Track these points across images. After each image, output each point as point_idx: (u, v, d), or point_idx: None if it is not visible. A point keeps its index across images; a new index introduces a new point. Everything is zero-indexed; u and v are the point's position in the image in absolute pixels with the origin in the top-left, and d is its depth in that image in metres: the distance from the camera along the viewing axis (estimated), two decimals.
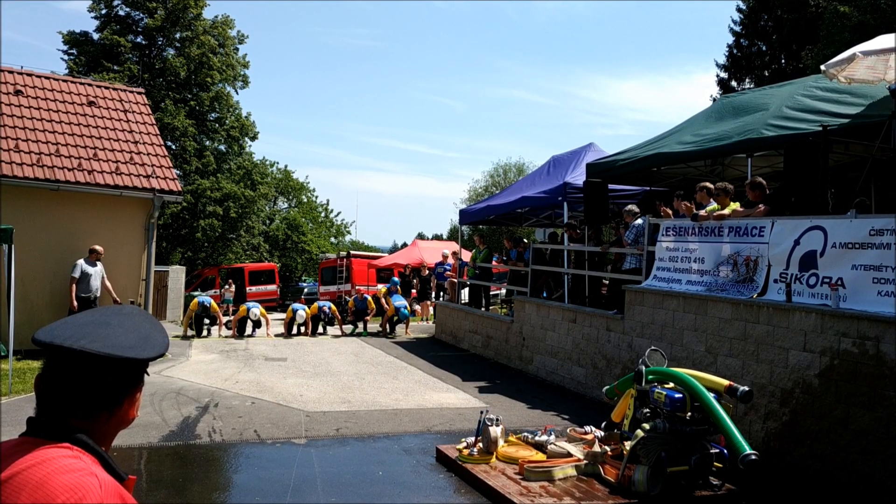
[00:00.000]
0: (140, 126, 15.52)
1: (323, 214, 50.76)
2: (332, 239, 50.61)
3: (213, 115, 38.81)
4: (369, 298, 18.54)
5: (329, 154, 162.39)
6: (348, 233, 53.41)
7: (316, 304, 17.71)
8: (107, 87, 16.74)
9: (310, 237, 46.27)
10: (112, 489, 1.42)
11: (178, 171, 31.15)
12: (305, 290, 35.32)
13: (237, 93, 40.10)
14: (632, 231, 10.77)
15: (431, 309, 20.65)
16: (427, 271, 23.33)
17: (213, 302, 16.91)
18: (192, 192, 34.98)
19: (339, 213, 55.85)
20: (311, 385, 11.09)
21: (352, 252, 32.39)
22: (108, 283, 12.73)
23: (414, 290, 22.96)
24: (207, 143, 38.65)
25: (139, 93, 16.85)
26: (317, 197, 50.89)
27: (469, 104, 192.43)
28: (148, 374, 1.68)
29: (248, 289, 31.17)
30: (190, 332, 16.52)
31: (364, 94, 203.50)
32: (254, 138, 40.82)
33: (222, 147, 39.73)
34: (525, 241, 15.61)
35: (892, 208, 8.09)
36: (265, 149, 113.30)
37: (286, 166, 49.91)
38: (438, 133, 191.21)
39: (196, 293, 24.11)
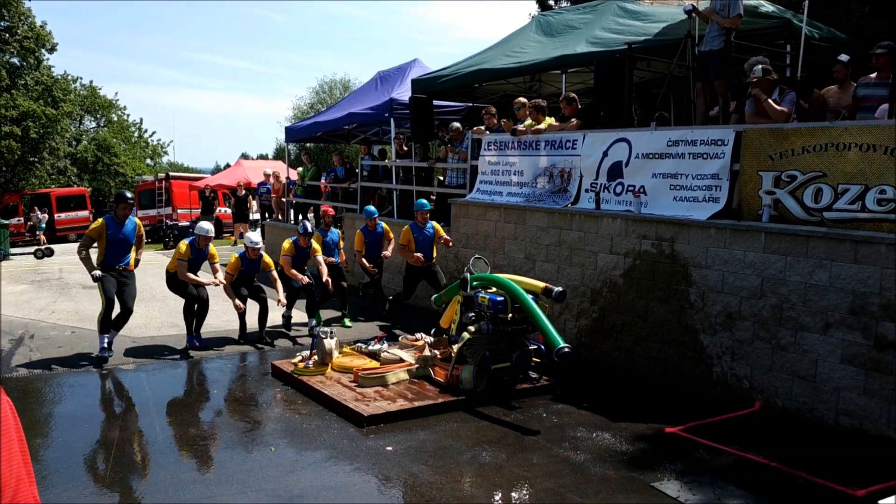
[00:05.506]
0: None
1: (136, 134, 47.49)
2: (149, 160, 47.59)
3: (1, 23, 34.76)
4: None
5: (140, 69, 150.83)
6: (165, 154, 50.42)
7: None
8: None
9: (123, 159, 43.21)
10: None
11: None
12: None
13: None
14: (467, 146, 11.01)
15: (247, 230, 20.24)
16: (244, 191, 22.73)
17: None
18: None
19: (154, 133, 52.32)
20: (136, 311, 10.66)
21: (171, 174, 30.77)
22: None
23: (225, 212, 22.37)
24: None
25: None
26: (128, 115, 47.37)
27: (291, 17, 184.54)
28: None
29: (56, 216, 28.83)
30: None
31: (177, 4, 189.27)
32: (52, 50, 36.96)
33: (15, 60, 35.78)
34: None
35: (688, 121, 8.90)
36: (66, 63, 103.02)
37: (91, 82, 45.76)
38: (260, 48, 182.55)
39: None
